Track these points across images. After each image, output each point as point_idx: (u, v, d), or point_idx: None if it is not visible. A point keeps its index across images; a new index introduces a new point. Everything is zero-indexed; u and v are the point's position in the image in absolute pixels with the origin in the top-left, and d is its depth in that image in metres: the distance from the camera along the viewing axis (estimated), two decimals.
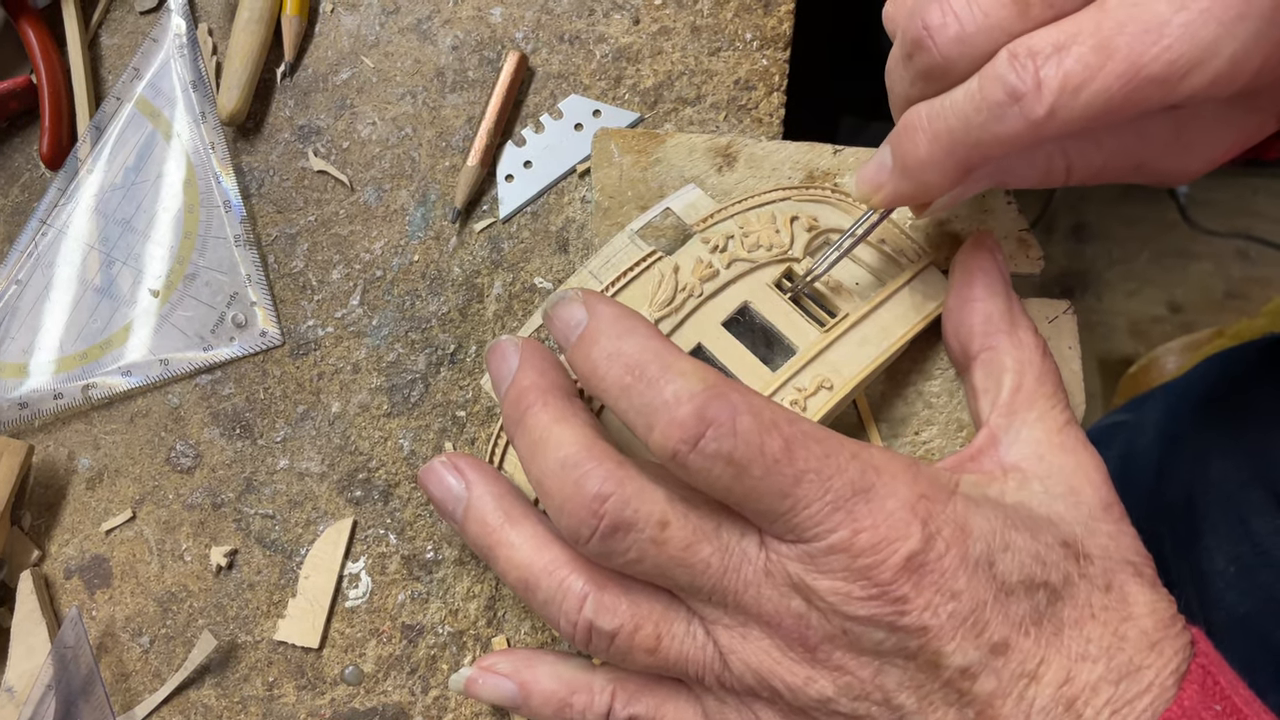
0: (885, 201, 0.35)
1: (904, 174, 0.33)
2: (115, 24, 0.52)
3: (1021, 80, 0.29)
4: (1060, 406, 0.35)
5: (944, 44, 0.31)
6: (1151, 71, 0.28)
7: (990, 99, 0.30)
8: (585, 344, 0.32)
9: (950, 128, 0.31)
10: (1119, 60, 0.28)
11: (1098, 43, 0.29)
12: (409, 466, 0.44)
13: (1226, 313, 1.43)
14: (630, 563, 0.31)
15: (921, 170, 0.33)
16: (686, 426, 0.29)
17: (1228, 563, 0.58)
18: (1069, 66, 0.29)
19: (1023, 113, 0.29)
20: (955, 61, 0.31)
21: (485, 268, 0.46)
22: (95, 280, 0.48)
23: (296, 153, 0.49)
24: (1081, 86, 0.29)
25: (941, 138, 0.32)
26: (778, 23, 0.47)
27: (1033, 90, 0.29)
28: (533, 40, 0.48)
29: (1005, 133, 0.30)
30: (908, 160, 0.33)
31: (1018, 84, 0.29)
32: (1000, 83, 0.30)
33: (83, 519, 0.46)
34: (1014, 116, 0.30)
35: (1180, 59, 0.28)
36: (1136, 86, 0.28)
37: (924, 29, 0.31)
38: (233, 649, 0.43)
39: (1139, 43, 0.28)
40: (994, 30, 0.30)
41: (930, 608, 0.29)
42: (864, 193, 0.35)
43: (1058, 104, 0.29)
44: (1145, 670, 0.30)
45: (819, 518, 0.29)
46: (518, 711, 0.36)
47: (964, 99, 0.31)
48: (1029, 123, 0.30)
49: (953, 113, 0.31)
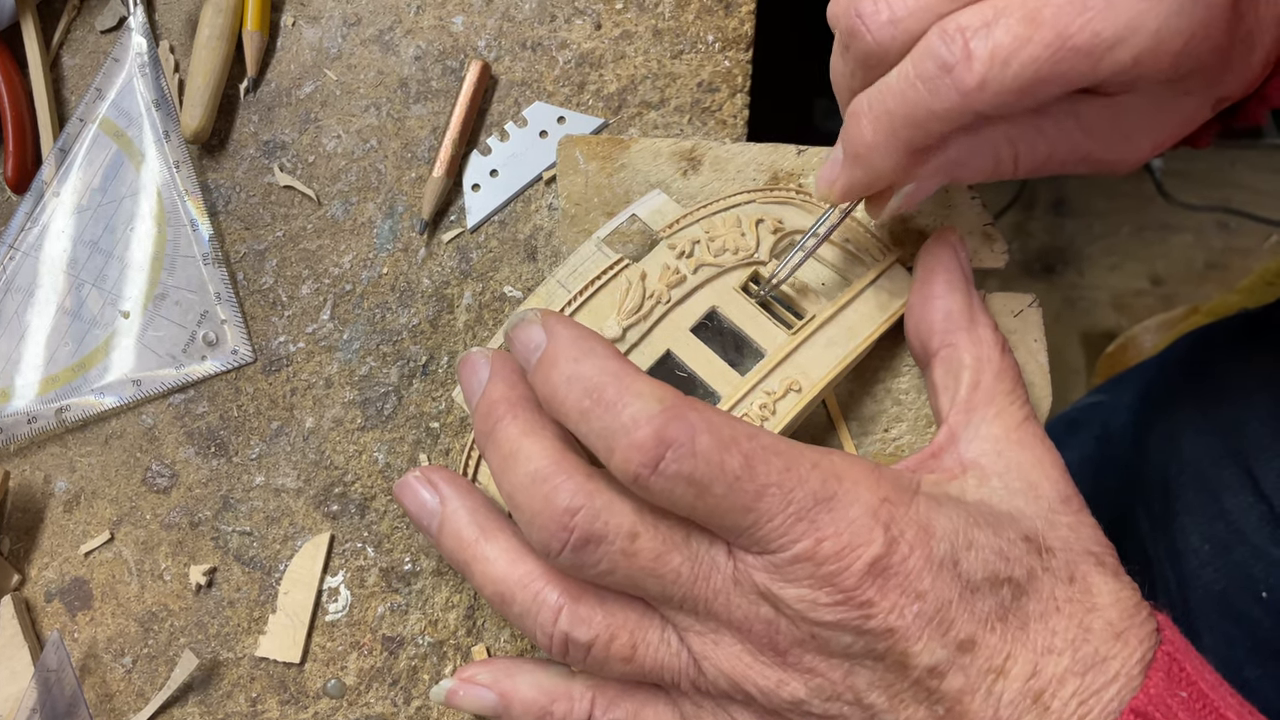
0: (841, 194, 0.35)
1: (854, 162, 0.34)
2: (76, 44, 0.52)
3: (951, 53, 0.30)
4: (1019, 403, 0.36)
5: (876, 29, 0.32)
6: (1077, 43, 0.29)
7: (923, 74, 0.31)
8: (544, 367, 0.32)
9: (889, 108, 0.32)
10: (1045, 30, 0.29)
11: (1025, 15, 0.30)
12: (385, 479, 0.45)
13: (1208, 284, 1.43)
14: (602, 574, 0.32)
15: (870, 155, 0.33)
16: (645, 449, 0.29)
17: (1203, 540, 0.58)
18: (998, 37, 0.30)
19: (954, 84, 0.30)
20: (888, 45, 0.32)
21: (454, 278, 0.46)
22: (66, 303, 0.48)
23: (262, 168, 0.49)
24: (1010, 57, 0.30)
25: (882, 119, 0.32)
26: (739, 24, 0.47)
27: (963, 61, 0.30)
28: (495, 48, 0.48)
29: (940, 107, 0.31)
30: (855, 147, 0.34)
31: (947, 56, 0.30)
32: (931, 57, 0.31)
33: (61, 542, 0.46)
34: (946, 89, 0.30)
35: (1104, 31, 0.29)
36: (1063, 57, 0.29)
37: (857, 17, 0.32)
38: (215, 666, 0.44)
39: (1064, 14, 0.29)
40: (924, 12, 0.31)
41: (896, 610, 0.30)
42: (822, 191, 0.36)
43: (988, 74, 0.30)
44: (1111, 660, 0.31)
45: (782, 529, 0.30)
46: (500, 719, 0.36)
47: (898, 78, 0.32)
48: (961, 94, 0.30)
49: (889, 93, 0.32)
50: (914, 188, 0.35)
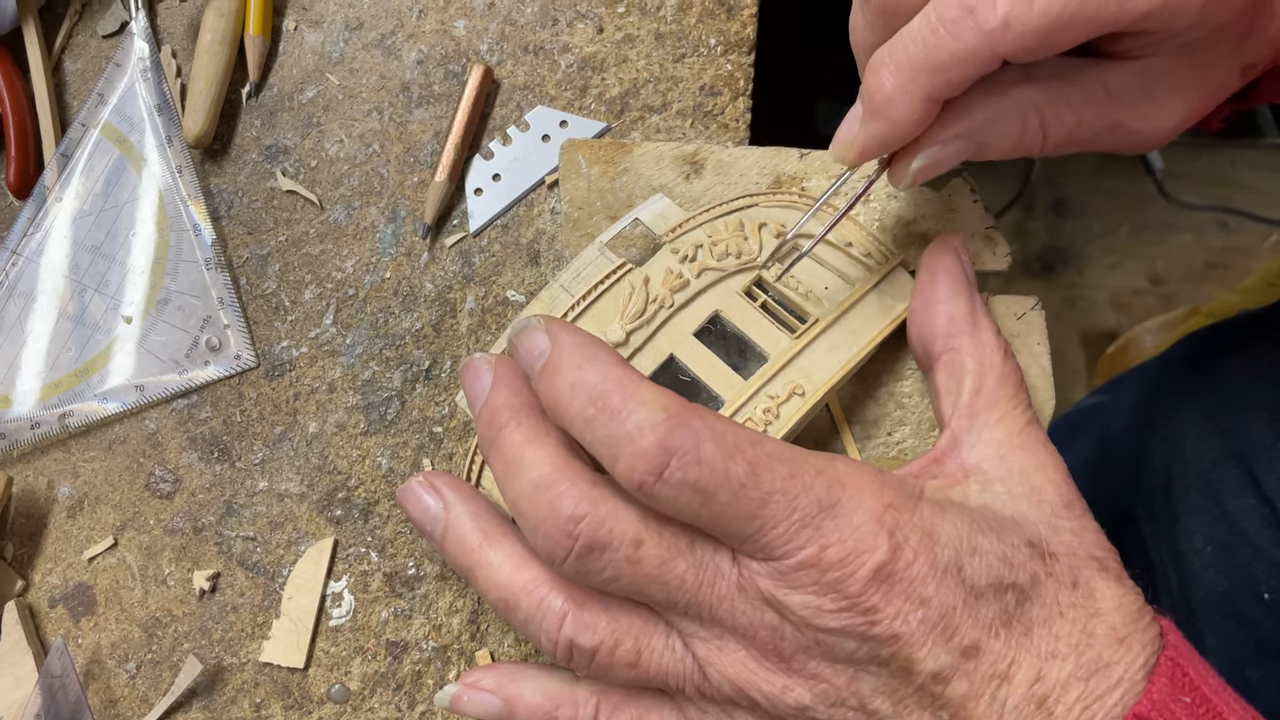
0: (860, 152, 0.34)
1: (874, 114, 0.33)
2: (78, 49, 0.52)
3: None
4: (1021, 407, 0.36)
5: None
6: None
7: (945, 16, 0.30)
8: (548, 375, 0.32)
9: (910, 55, 0.31)
10: None
11: None
12: (388, 484, 0.45)
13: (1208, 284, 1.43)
14: (606, 581, 0.32)
15: (890, 106, 0.32)
16: (650, 457, 0.29)
17: (1205, 542, 0.58)
18: None
19: (978, 24, 0.30)
20: None
21: (457, 282, 0.46)
22: (68, 308, 0.48)
23: (265, 173, 0.49)
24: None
25: (904, 67, 0.32)
26: (741, 27, 0.47)
27: (985, 1, 0.30)
28: (497, 52, 0.48)
29: (962, 50, 0.30)
30: (875, 98, 0.33)
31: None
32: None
33: (65, 547, 0.46)
34: (970, 30, 0.30)
35: None
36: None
37: None
38: (219, 672, 0.44)
39: None
40: None
41: (900, 616, 0.30)
42: (839, 151, 0.35)
43: (1011, 13, 0.29)
44: (1114, 666, 0.31)
45: (787, 536, 0.30)
46: None
47: (920, 24, 0.31)
48: (984, 34, 0.30)
49: (911, 40, 0.31)
50: (938, 150, 0.34)
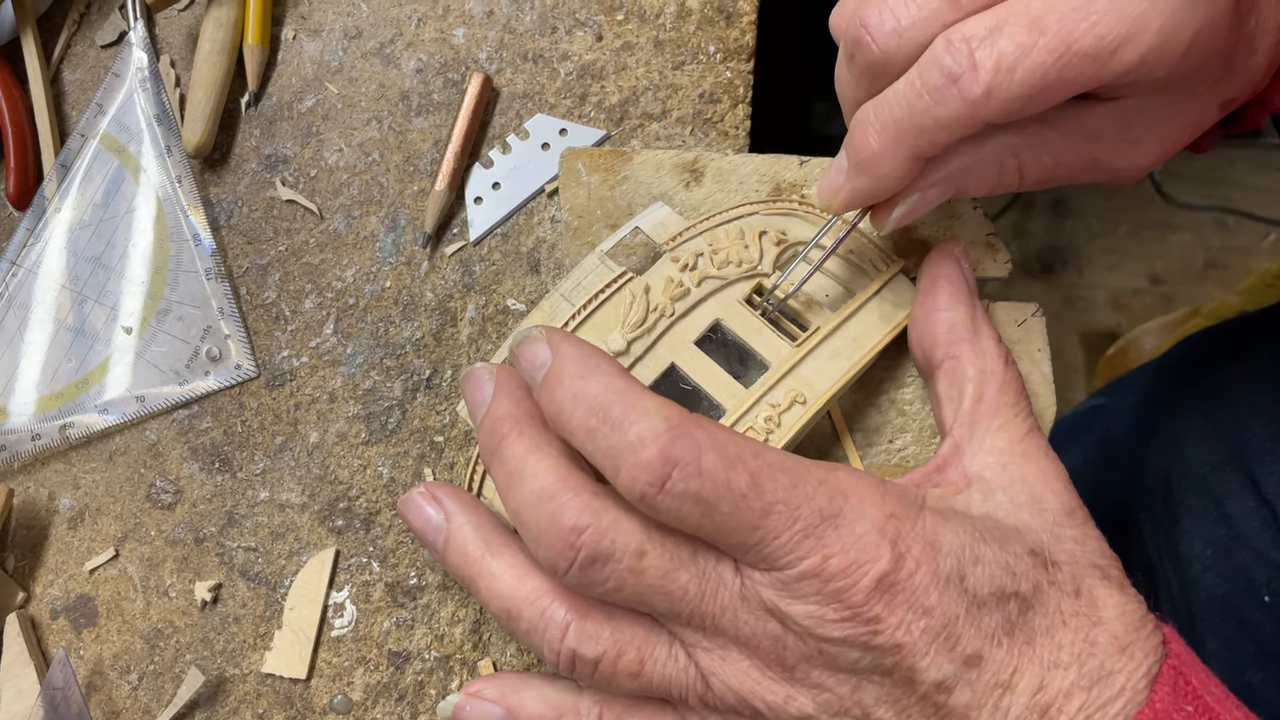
0: (845, 203, 0.36)
1: (859, 170, 0.34)
2: (76, 59, 0.52)
3: (957, 63, 0.30)
4: (1023, 415, 0.36)
5: (882, 39, 0.32)
6: (1082, 47, 0.30)
7: (929, 84, 0.31)
8: (550, 385, 0.32)
9: (896, 117, 0.32)
10: (1051, 36, 0.30)
11: (1029, 22, 0.30)
12: (389, 494, 0.44)
13: (1207, 283, 1.44)
14: (609, 592, 0.32)
15: (875, 163, 0.34)
16: (652, 469, 0.29)
17: (1205, 545, 0.59)
18: (1003, 46, 0.30)
19: (961, 93, 0.31)
20: (894, 55, 0.32)
21: (457, 291, 0.46)
22: (68, 319, 0.47)
23: (264, 183, 0.49)
24: (1016, 64, 0.30)
25: (889, 128, 0.33)
26: (740, 34, 0.47)
27: (969, 71, 0.30)
28: (496, 60, 0.48)
29: (946, 115, 0.31)
30: (861, 155, 0.34)
31: (954, 66, 0.30)
32: (937, 67, 0.31)
33: (66, 559, 0.46)
34: (953, 98, 0.31)
35: (1110, 33, 0.29)
36: (1069, 62, 0.30)
37: (862, 27, 0.32)
38: (221, 683, 0.44)
39: (1069, 20, 0.30)
40: (928, 21, 0.31)
41: (903, 626, 0.30)
42: (825, 199, 0.36)
43: (994, 82, 0.30)
44: (1117, 675, 0.31)
45: (789, 546, 0.30)
46: None
47: (905, 88, 0.32)
48: (968, 103, 0.31)
49: (896, 102, 0.32)
50: (918, 198, 0.35)
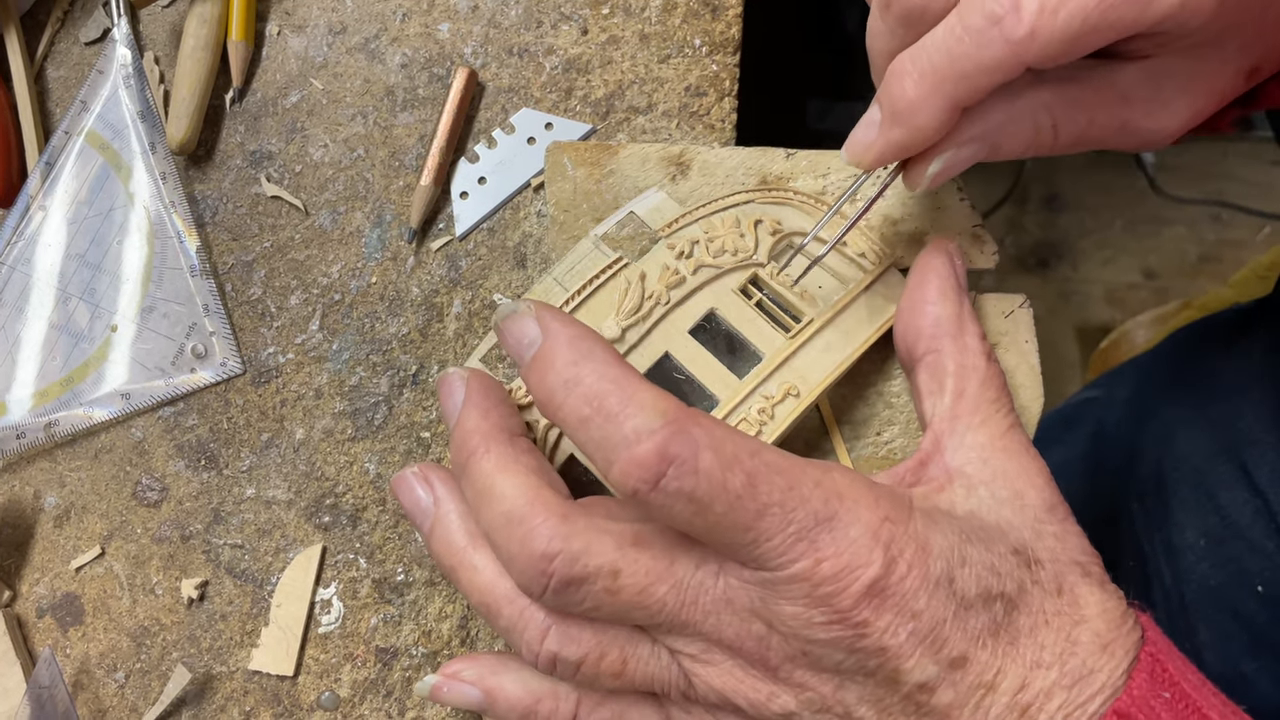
0: (878, 156, 0.34)
1: (895, 120, 0.33)
2: (60, 56, 0.51)
3: (1000, 4, 0.30)
4: (1004, 411, 0.36)
5: None
6: None
7: (971, 26, 0.31)
8: (540, 367, 0.31)
9: (935, 64, 0.32)
10: None
11: None
12: (376, 490, 0.44)
13: (1201, 277, 1.44)
14: (588, 611, 0.32)
15: (912, 112, 0.33)
16: (647, 465, 0.28)
17: (1198, 536, 0.59)
18: None
19: (1004, 35, 0.30)
20: (931, 1, 0.32)
21: (444, 286, 0.46)
22: (53, 317, 0.47)
23: (249, 179, 0.48)
24: (1059, 6, 0.30)
25: (928, 75, 0.32)
26: (725, 27, 0.47)
27: (1011, 11, 0.30)
28: (482, 55, 0.48)
29: (989, 59, 0.31)
30: (897, 104, 0.33)
31: (996, 8, 0.30)
32: (979, 10, 0.30)
33: (52, 557, 0.46)
34: (996, 40, 0.30)
35: None
36: (1112, 4, 0.29)
37: None
38: (208, 680, 0.43)
39: None
40: None
41: (890, 630, 0.30)
42: (855, 154, 0.35)
43: (1038, 24, 0.30)
44: (1098, 673, 0.31)
45: (781, 549, 0.29)
46: (485, 715, 0.36)
47: (945, 33, 0.31)
48: (1011, 45, 0.30)
49: (936, 48, 0.32)
50: (953, 154, 0.34)
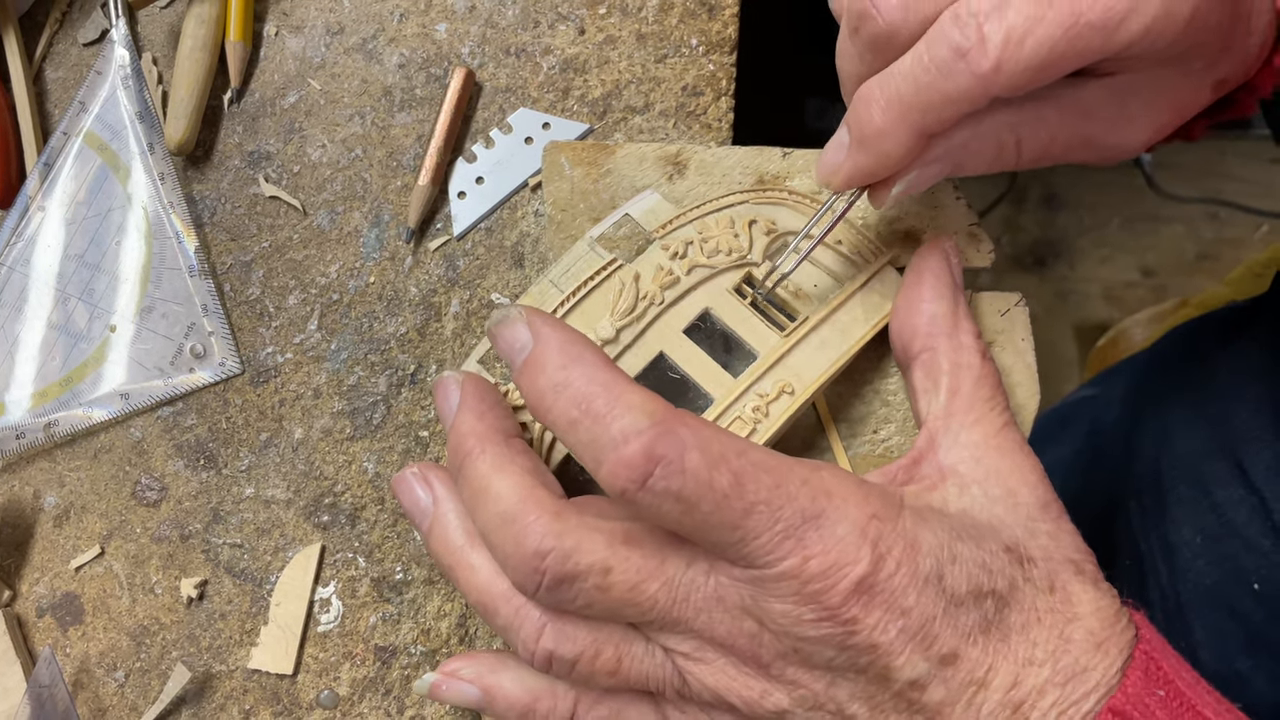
0: (845, 180, 0.35)
1: (861, 146, 0.34)
2: (58, 57, 0.52)
3: (965, 37, 0.30)
4: (998, 410, 0.36)
5: (888, 12, 0.32)
6: (1090, 18, 0.29)
7: (937, 58, 0.31)
8: (531, 372, 0.32)
9: (901, 93, 0.32)
10: (1058, 8, 0.30)
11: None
12: (374, 489, 0.44)
13: (1199, 275, 1.44)
14: (580, 608, 0.32)
15: (879, 139, 0.33)
16: (634, 465, 0.29)
17: (1194, 534, 0.59)
18: (1011, 19, 0.30)
19: (969, 68, 0.30)
20: (899, 28, 0.32)
21: (442, 286, 0.46)
22: (53, 317, 0.47)
23: (247, 179, 0.48)
24: (1024, 37, 0.30)
25: (894, 104, 0.32)
26: (722, 27, 0.47)
27: (977, 45, 0.30)
28: (479, 55, 0.48)
29: (954, 90, 0.31)
30: (864, 131, 0.33)
31: (962, 41, 0.30)
32: (945, 41, 0.31)
33: (52, 557, 0.46)
34: (961, 73, 0.31)
35: (1117, 5, 0.29)
36: (1078, 33, 0.30)
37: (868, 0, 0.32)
38: (207, 679, 0.44)
39: None
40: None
41: (879, 626, 0.30)
42: (824, 176, 0.36)
43: (1003, 56, 0.30)
44: (1092, 671, 0.31)
45: (769, 547, 0.29)
46: (484, 713, 0.36)
47: (912, 63, 0.32)
48: (976, 77, 0.30)
49: (902, 78, 0.32)
50: (917, 175, 0.35)
